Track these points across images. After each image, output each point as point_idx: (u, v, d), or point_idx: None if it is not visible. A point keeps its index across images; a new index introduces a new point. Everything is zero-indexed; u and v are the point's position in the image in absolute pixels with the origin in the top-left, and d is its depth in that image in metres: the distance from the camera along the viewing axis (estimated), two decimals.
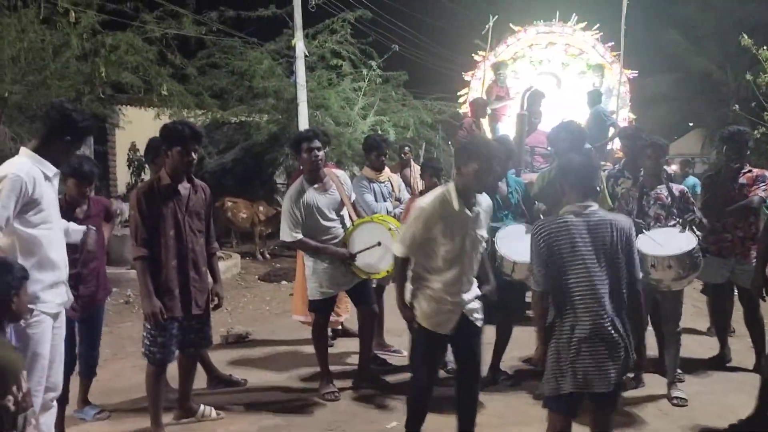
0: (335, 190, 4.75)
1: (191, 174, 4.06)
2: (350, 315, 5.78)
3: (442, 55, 19.37)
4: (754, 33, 13.11)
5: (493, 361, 5.00)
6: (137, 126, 12.10)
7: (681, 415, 4.41)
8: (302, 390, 4.96)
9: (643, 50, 16.53)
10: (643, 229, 4.44)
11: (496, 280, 4.39)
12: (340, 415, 4.48)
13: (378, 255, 4.59)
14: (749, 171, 5.08)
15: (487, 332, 4.91)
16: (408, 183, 6.97)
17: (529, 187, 5.21)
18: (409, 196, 6.03)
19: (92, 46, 9.37)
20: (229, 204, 12.15)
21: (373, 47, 13.09)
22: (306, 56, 11.89)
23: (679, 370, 4.77)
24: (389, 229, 4.58)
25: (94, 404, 4.40)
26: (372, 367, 5.28)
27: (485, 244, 3.78)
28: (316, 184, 4.65)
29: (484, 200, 3.68)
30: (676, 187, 4.77)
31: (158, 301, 3.84)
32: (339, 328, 6.10)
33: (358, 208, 5.02)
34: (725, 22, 20.09)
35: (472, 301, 3.68)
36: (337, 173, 4.97)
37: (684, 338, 4.77)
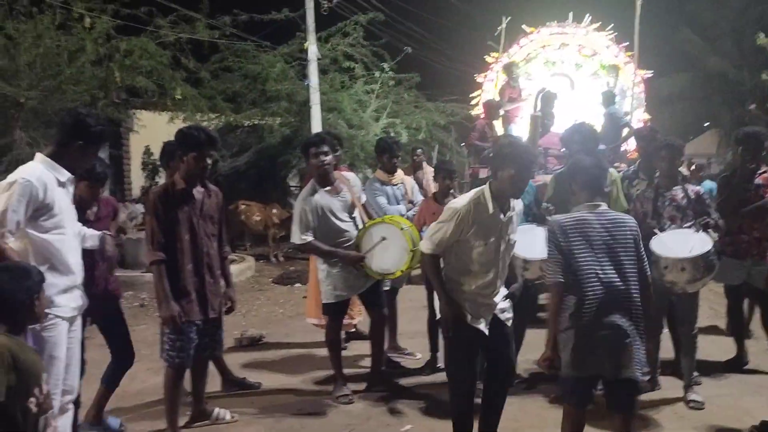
0: (347, 193, 4.75)
1: (205, 178, 4.09)
2: (364, 317, 5.78)
3: (454, 57, 19.39)
4: None
5: None
6: (151, 130, 12.21)
7: (697, 419, 4.36)
8: (316, 393, 4.97)
9: (658, 50, 16.46)
10: (656, 231, 4.40)
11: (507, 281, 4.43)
12: (354, 418, 4.47)
13: (390, 256, 4.58)
14: (765, 171, 5.03)
15: None
16: (421, 185, 6.97)
17: (542, 189, 5.19)
18: (421, 198, 6.02)
19: (107, 51, 9.47)
20: (243, 207, 12.21)
21: (386, 49, 13.13)
22: (319, 59, 11.93)
23: (695, 373, 4.72)
24: (401, 229, 4.58)
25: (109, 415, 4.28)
26: (386, 369, 5.28)
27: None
28: (328, 187, 4.66)
29: (518, 205, 3.68)
30: (692, 189, 4.73)
31: (176, 305, 3.85)
32: (353, 330, 6.10)
33: (369, 210, 5.03)
34: (741, 21, 19.94)
35: (502, 302, 3.69)
36: (347, 176, 4.97)
37: (700, 340, 4.72)
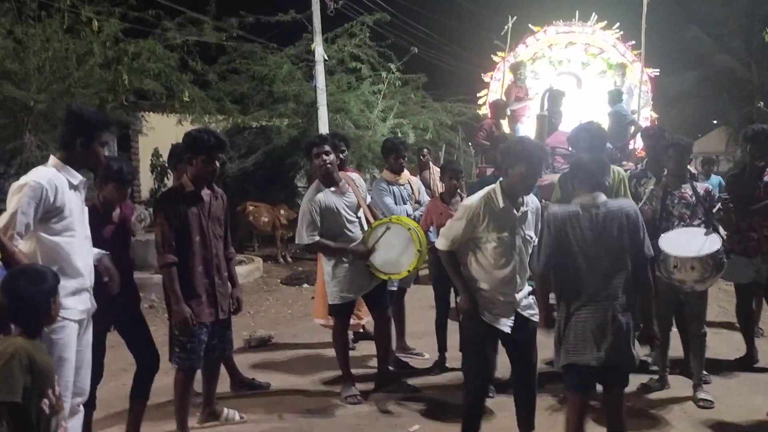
0: (352, 193, 4.76)
1: (213, 181, 4.11)
2: (371, 318, 5.78)
3: (461, 57, 19.40)
4: None
5: None
6: (160, 132, 12.26)
7: (707, 417, 4.35)
8: (324, 393, 4.98)
9: (665, 48, 16.39)
10: (662, 233, 4.39)
11: None
12: (363, 418, 4.49)
13: (397, 256, 4.59)
14: None
15: None
16: (427, 185, 6.97)
17: (549, 189, 5.18)
18: (428, 198, 6.02)
19: (115, 54, 9.51)
20: (251, 208, 12.24)
21: (392, 50, 13.14)
22: (325, 60, 11.95)
23: (704, 372, 4.71)
24: (408, 229, 4.59)
25: None
26: (394, 370, 5.28)
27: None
28: (332, 188, 4.67)
29: (532, 201, 3.74)
30: (701, 186, 4.72)
31: (188, 307, 3.87)
32: (360, 331, 6.11)
33: (375, 211, 5.04)
34: (749, 19, 19.83)
35: (525, 298, 3.73)
36: (352, 176, 4.98)
37: (709, 339, 4.71)
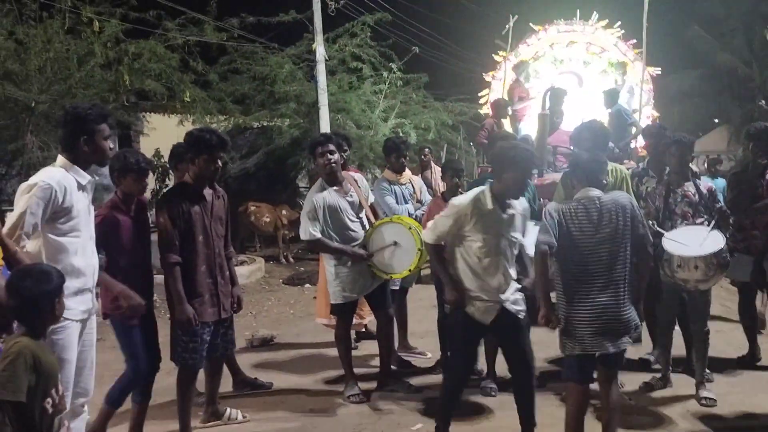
0: (354, 193, 4.77)
1: (215, 180, 4.11)
2: (374, 317, 5.78)
3: (462, 56, 19.38)
4: None
5: None
6: (161, 132, 12.24)
7: (709, 416, 4.35)
8: (327, 392, 4.98)
9: (667, 47, 16.38)
10: (661, 231, 4.38)
11: None
12: (366, 417, 4.49)
13: (398, 255, 4.59)
14: None
15: None
16: (429, 185, 6.97)
17: (551, 188, 5.18)
18: (430, 197, 6.02)
19: (116, 54, 9.51)
20: (253, 208, 12.23)
21: (393, 50, 13.13)
22: (326, 60, 11.95)
23: (707, 370, 4.70)
24: (409, 228, 4.59)
25: None
26: (396, 369, 5.28)
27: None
28: (336, 187, 4.67)
29: (519, 204, 3.82)
30: (704, 185, 4.71)
31: (191, 307, 3.86)
32: (363, 330, 6.11)
33: (377, 210, 5.04)
34: (751, 17, 19.81)
35: (512, 295, 3.79)
36: (354, 176, 4.99)
37: (712, 337, 4.70)
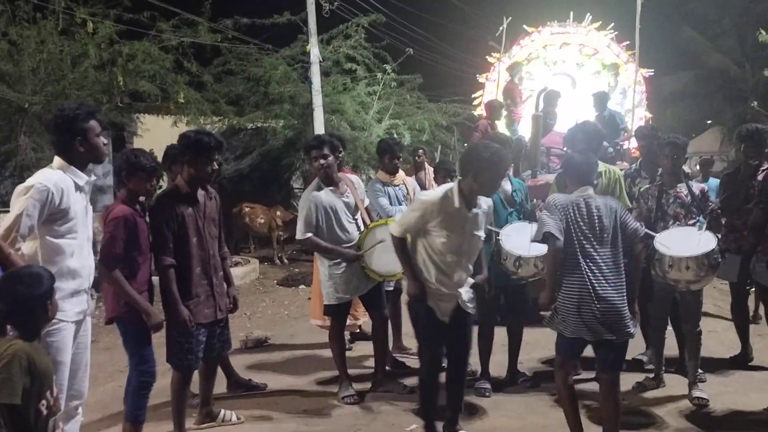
0: (350, 194, 4.78)
1: (211, 182, 4.11)
2: (368, 318, 5.79)
3: (456, 58, 19.41)
4: None
5: (510, 362, 5.01)
6: (155, 134, 12.20)
7: (702, 415, 4.37)
8: (321, 394, 4.98)
9: (660, 48, 16.45)
10: (657, 232, 4.41)
11: (502, 281, 4.57)
12: (360, 418, 4.49)
13: (392, 257, 4.59)
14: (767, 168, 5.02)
15: (500, 334, 4.94)
16: (423, 186, 6.97)
17: (545, 189, 5.20)
18: None
19: (110, 55, 9.50)
20: (247, 209, 12.23)
21: (388, 51, 13.14)
22: (321, 61, 11.95)
23: (700, 370, 4.73)
24: None
25: None
26: (391, 369, 5.29)
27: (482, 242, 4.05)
28: (331, 188, 4.69)
29: (484, 202, 3.92)
30: (696, 186, 4.74)
31: (186, 309, 3.86)
32: (357, 331, 6.11)
33: (372, 212, 5.04)
34: (743, 18, 19.90)
35: (467, 293, 3.93)
36: (350, 177, 5.00)
37: (704, 337, 4.72)
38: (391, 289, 5.39)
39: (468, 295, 3.94)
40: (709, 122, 25.15)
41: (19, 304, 2.57)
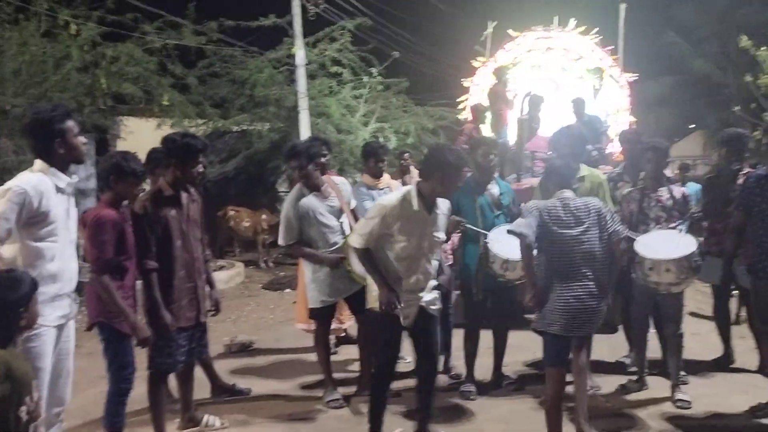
0: (335, 198, 4.77)
1: (197, 184, 4.09)
2: (354, 322, 5.78)
3: (442, 61, 19.41)
4: (754, 34, 13.15)
5: (495, 365, 5.02)
6: (139, 136, 12.08)
7: (684, 418, 4.40)
8: (306, 398, 4.97)
9: (643, 53, 16.57)
10: (633, 236, 4.45)
11: (489, 284, 4.60)
12: (345, 422, 4.48)
13: None
14: (748, 172, 5.08)
15: (485, 337, 4.95)
16: None
17: (529, 193, 5.22)
18: None
19: (93, 57, 9.42)
20: (232, 213, 12.17)
21: (374, 54, 13.12)
22: (306, 64, 11.93)
23: (682, 372, 4.77)
24: None
25: None
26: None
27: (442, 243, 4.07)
28: (315, 192, 4.67)
29: (443, 204, 3.91)
30: (677, 190, 4.79)
31: (168, 313, 3.82)
32: (342, 335, 6.10)
33: (358, 216, 5.04)
34: (725, 24, 20.11)
35: (429, 294, 3.90)
36: (336, 180, 4.99)
37: (686, 340, 4.76)
38: None
39: (431, 297, 3.91)
40: (692, 127, 25.42)
41: None
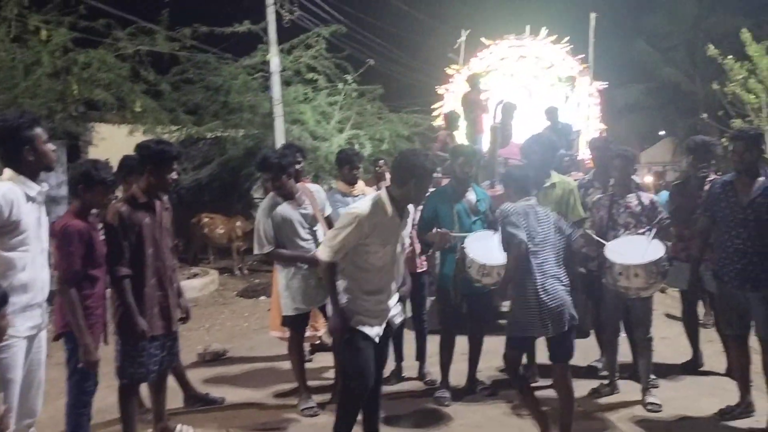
0: (308, 205, 4.77)
1: (169, 191, 4.07)
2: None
3: (416, 69, 19.53)
4: (722, 43, 13.47)
5: (470, 371, 5.05)
6: (111, 143, 11.97)
7: (655, 421, 4.47)
8: (281, 407, 4.94)
9: (613, 62, 16.84)
10: (604, 242, 4.54)
11: (466, 288, 4.63)
12: (320, 430, 4.46)
13: None
14: (714, 179, 5.18)
15: (461, 343, 4.98)
16: None
17: (502, 199, 5.26)
18: None
19: (64, 63, 9.31)
20: (206, 220, 12.09)
21: (348, 61, 13.17)
22: (281, 71, 11.93)
23: (652, 376, 4.84)
24: None
25: None
26: None
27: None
28: (289, 199, 4.67)
29: (410, 208, 3.82)
30: (646, 196, 4.87)
31: (143, 320, 3.79)
32: (317, 342, 6.09)
33: (333, 223, 5.04)
34: (693, 33, 20.55)
35: (395, 308, 3.78)
36: (311, 188, 5.00)
37: (656, 344, 4.84)
38: None
39: (395, 310, 3.77)
40: (661, 133, 25.88)
41: None
